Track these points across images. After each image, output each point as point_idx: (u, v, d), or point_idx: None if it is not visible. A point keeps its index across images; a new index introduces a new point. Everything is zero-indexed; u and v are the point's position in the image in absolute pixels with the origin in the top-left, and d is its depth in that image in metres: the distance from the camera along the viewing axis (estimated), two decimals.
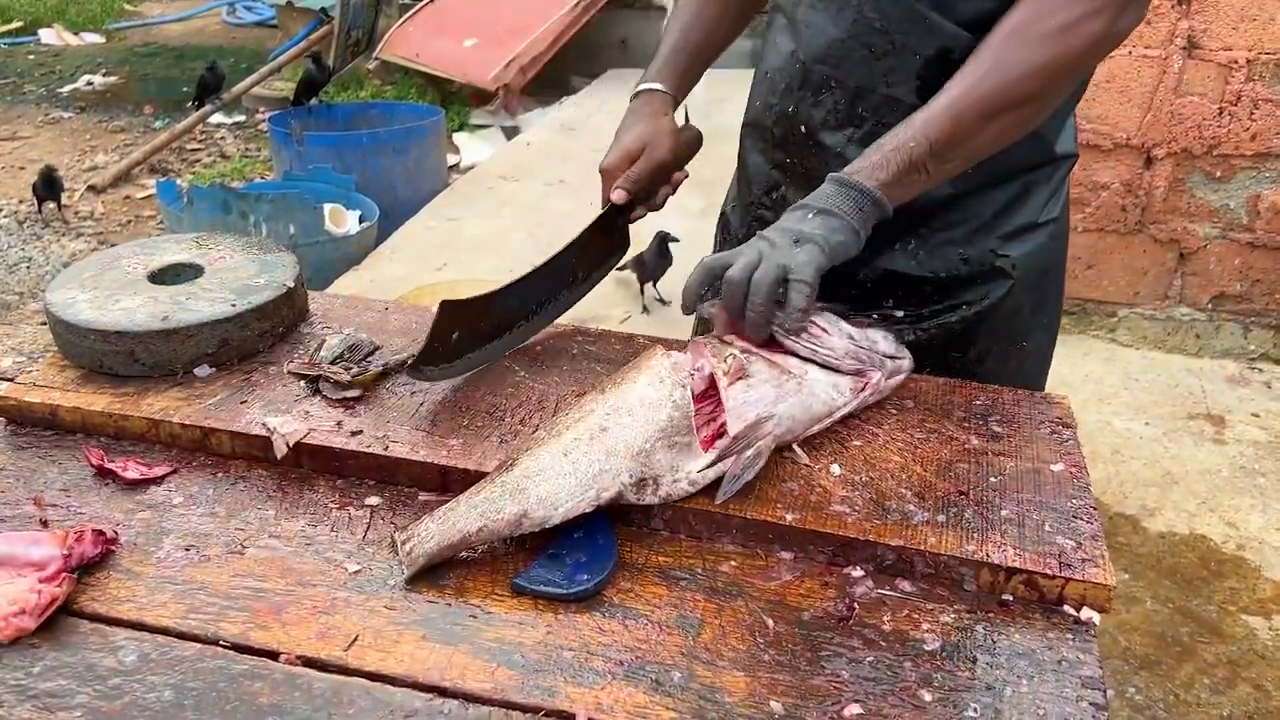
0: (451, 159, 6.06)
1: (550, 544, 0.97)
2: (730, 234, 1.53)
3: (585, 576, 0.93)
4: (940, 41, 1.20)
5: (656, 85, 1.36)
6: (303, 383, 1.19)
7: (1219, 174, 3.33)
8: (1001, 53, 1.12)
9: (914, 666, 0.86)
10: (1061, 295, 1.47)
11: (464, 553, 0.96)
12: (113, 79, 8.27)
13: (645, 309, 3.73)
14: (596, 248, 1.37)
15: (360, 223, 4.47)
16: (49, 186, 5.22)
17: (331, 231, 4.34)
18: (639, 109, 1.36)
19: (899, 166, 1.12)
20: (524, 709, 0.82)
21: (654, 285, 3.70)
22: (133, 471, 1.06)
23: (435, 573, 0.95)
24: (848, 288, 1.33)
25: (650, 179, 1.33)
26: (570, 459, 0.95)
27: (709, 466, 1.00)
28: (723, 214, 1.58)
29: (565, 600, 0.92)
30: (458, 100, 6.92)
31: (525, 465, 0.95)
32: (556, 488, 0.93)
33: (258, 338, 1.25)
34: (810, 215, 1.12)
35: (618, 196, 1.31)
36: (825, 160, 1.30)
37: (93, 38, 9.66)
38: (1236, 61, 3.18)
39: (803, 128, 1.32)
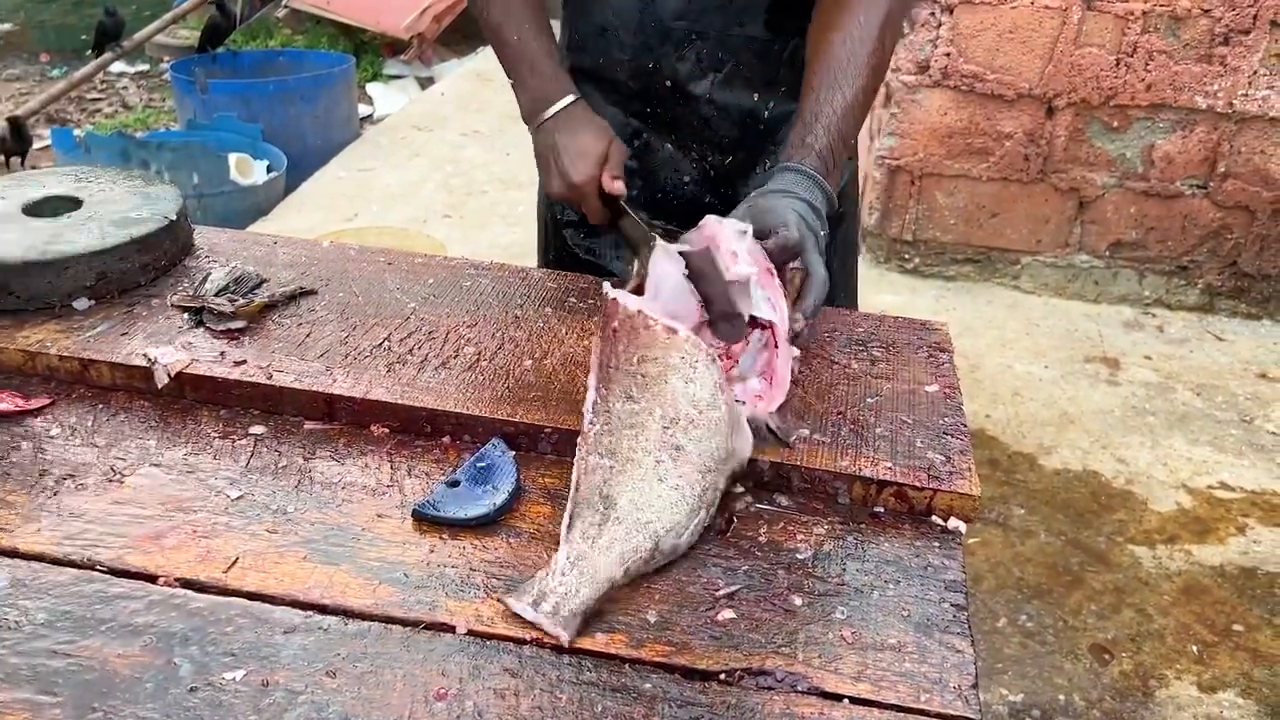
0: (365, 109, 5.94)
1: (451, 472, 0.98)
2: None
3: (487, 503, 0.94)
4: None
5: (569, 98, 1.28)
6: (186, 315, 1.17)
7: (1116, 124, 3.42)
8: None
9: (787, 574, 0.89)
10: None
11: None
12: (6, 26, 7.89)
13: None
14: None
15: (268, 173, 4.37)
16: (18, 138, 4.99)
17: (238, 181, 4.24)
18: (572, 121, 1.27)
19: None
20: (404, 623, 0.83)
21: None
22: (6, 404, 1.04)
23: (319, 498, 0.95)
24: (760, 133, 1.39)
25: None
26: (669, 484, 0.90)
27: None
28: None
29: (466, 526, 0.93)
30: (371, 50, 6.77)
31: (630, 498, 0.90)
32: (676, 515, 0.89)
33: (139, 270, 1.22)
34: (819, 219, 1.12)
35: (619, 188, 1.24)
36: (694, 107, 1.36)
37: None
38: (1133, 13, 3.26)
39: (668, 82, 1.35)
